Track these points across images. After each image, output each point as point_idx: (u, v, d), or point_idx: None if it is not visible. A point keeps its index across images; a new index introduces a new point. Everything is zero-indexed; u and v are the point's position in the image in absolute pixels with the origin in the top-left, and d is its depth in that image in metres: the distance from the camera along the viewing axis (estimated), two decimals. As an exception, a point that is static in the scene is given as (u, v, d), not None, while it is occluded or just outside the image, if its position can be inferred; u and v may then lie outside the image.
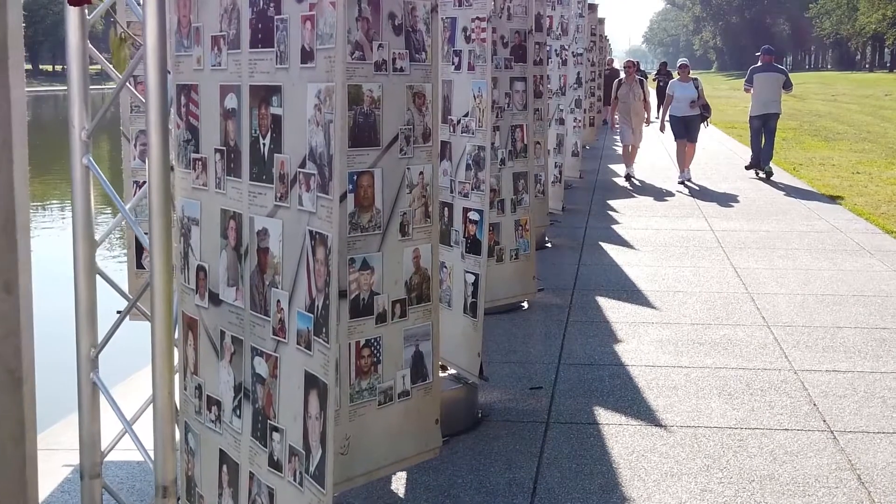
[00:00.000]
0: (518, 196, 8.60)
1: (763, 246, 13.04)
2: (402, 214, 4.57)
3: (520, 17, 8.27)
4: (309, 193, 2.71)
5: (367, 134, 4.37)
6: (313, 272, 2.71)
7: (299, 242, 2.77)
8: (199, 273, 3.40)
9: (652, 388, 7.38)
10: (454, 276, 6.59)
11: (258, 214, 3.02)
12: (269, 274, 2.97)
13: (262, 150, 2.99)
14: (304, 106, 2.75)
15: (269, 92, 2.96)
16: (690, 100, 19.23)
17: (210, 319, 3.37)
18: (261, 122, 3.00)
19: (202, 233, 3.39)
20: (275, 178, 2.91)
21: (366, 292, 4.46)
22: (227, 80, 3.20)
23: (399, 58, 4.48)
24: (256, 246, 3.03)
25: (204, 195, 3.37)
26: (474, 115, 6.32)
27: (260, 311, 3.07)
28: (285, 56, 2.89)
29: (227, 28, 3.20)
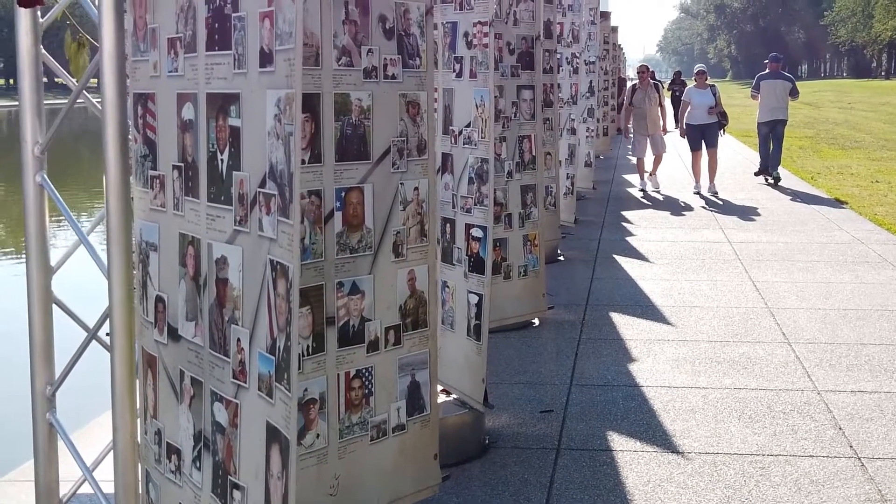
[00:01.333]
0: (526, 210, 8.24)
1: (782, 258, 12.65)
2: (395, 234, 4.22)
3: (527, 22, 7.92)
4: (269, 217, 2.37)
5: (356, 147, 4.03)
6: (274, 308, 2.36)
7: (260, 273, 2.43)
8: (158, 305, 3.06)
9: (668, 410, 7.01)
10: (457, 296, 6.23)
11: (216, 240, 2.68)
12: (228, 308, 2.63)
13: (219, 166, 2.65)
14: (263, 116, 2.41)
15: (226, 101, 2.62)
16: (708, 107, 18.71)
17: (169, 357, 3.03)
18: (218, 135, 2.66)
19: (161, 259, 3.04)
20: (234, 199, 2.57)
21: (356, 318, 4.11)
22: (184, 87, 2.86)
23: (391, 64, 4.14)
24: (215, 276, 2.69)
25: (162, 217, 3.03)
26: (476, 126, 5.96)
27: (219, 350, 2.72)
28: (243, 59, 2.55)
29: (183, 29, 2.85)
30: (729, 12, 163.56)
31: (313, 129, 3.85)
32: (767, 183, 20.51)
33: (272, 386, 2.41)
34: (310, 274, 3.88)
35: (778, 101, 19.81)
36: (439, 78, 6.18)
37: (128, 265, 2.99)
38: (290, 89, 2.25)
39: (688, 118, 19.15)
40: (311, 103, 3.83)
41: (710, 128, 18.89)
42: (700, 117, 18.85)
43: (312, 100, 3.83)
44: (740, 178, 21.58)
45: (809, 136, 34.66)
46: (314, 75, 3.83)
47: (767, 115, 19.90)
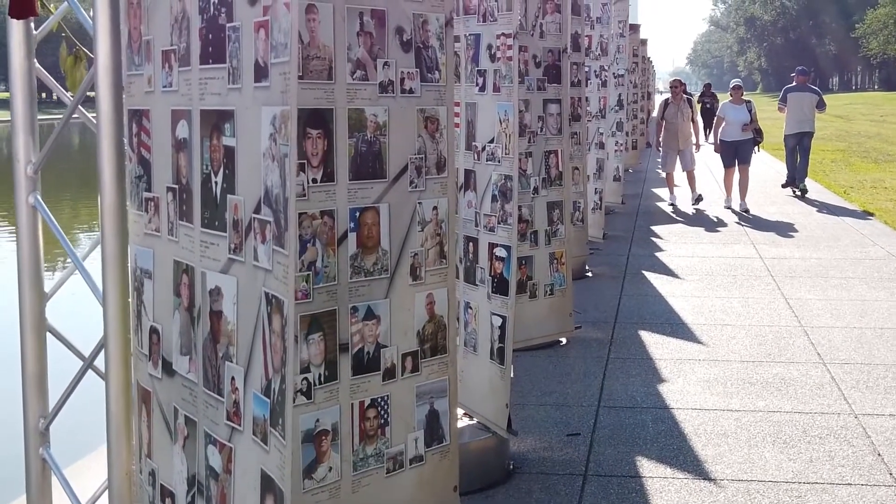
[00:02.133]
0: (553, 227, 8.02)
1: (815, 274, 12.38)
2: (412, 255, 4.01)
3: (553, 35, 7.71)
4: (264, 246, 2.18)
5: (371, 164, 3.83)
6: (269, 346, 2.17)
7: (255, 306, 2.23)
8: (153, 336, 2.87)
9: (699, 434, 6.79)
10: (480, 317, 6.02)
11: (210, 269, 2.49)
12: (222, 343, 2.44)
13: (213, 189, 2.46)
14: (258, 135, 2.21)
15: (220, 118, 2.43)
16: (743, 123, 18.30)
17: (164, 393, 2.84)
18: (212, 156, 2.47)
19: (155, 288, 2.85)
20: (228, 224, 2.38)
21: (371, 345, 3.90)
22: (178, 103, 2.67)
23: (408, 78, 3.94)
24: (209, 308, 2.50)
25: (157, 243, 2.84)
26: (500, 142, 5.75)
27: (213, 388, 2.53)
28: (238, 73, 2.36)
29: (177, 41, 2.66)
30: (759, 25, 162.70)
31: (326, 147, 3.65)
32: (794, 195, 20.64)
33: (267, 431, 2.21)
34: (322, 298, 3.68)
35: (805, 113, 19.92)
36: (462, 92, 5.99)
37: (124, 292, 2.80)
38: (286, 106, 2.06)
39: (722, 134, 18.72)
40: (324, 119, 3.64)
41: (744, 144, 18.46)
42: (734, 134, 18.43)
43: (325, 115, 3.64)
44: (771, 191, 21.28)
45: (841, 149, 34.28)
46: (327, 90, 3.63)
47: (794, 127, 20.03)
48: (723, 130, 18.69)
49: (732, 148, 18.50)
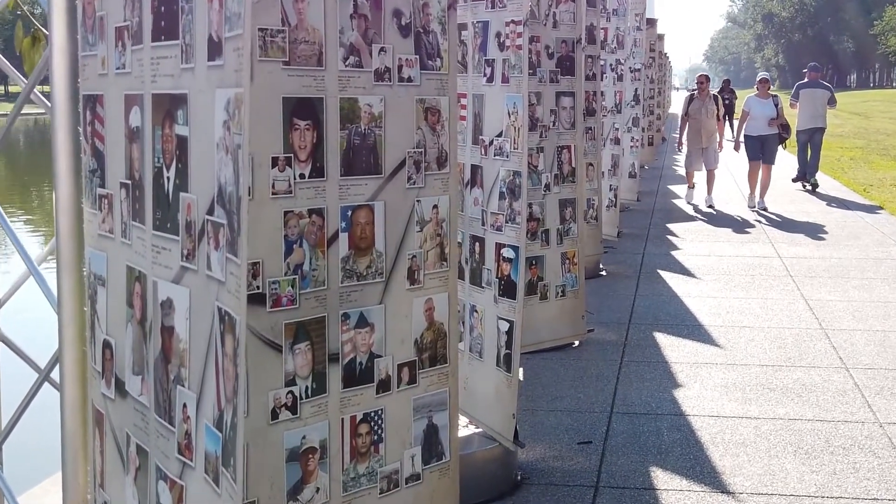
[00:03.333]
0: (565, 226, 7.70)
1: (835, 275, 12.05)
2: (410, 258, 3.72)
3: (567, 24, 7.40)
4: (218, 253, 1.89)
5: (366, 159, 3.54)
6: (222, 370, 1.87)
7: (208, 323, 1.94)
8: (105, 351, 2.58)
9: (717, 443, 6.48)
10: (486, 321, 5.70)
11: (162, 278, 2.19)
12: (174, 364, 2.15)
13: (165, 186, 2.17)
14: (212, 122, 1.92)
15: (173, 103, 2.14)
16: (769, 118, 17.78)
17: (116, 416, 2.55)
18: (164, 147, 2.17)
19: (108, 297, 2.56)
20: (181, 227, 2.08)
21: (364, 355, 3.61)
22: (131, 87, 2.38)
23: (407, 65, 3.64)
24: (160, 322, 2.20)
25: (110, 246, 2.54)
26: (509, 136, 5.43)
27: (164, 415, 2.24)
28: (191, 51, 2.06)
29: (130, 16, 2.37)
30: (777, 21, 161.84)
31: (315, 139, 3.37)
32: (805, 189, 20.84)
33: (219, 471, 1.92)
34: (309, 304, 3.39)
35: (816, 109, 20.10)
36: (468, 83, 5.68)
37: (80, 299, 2.52)
38: (240, 88, 1.76)
39: (747, 129, 18.18)
40: (314, 109, 3.35)
41: (770, 140, 17.96)
42: (760, 128, 17.90)
43: (314, 105, 3.35)
44: (789, 189, 20.93)
45: (860, 146, 33.89)
46: (317, 77, 3.35)
47: (806, 123, 20.09)
48: (748, 125, 18.14)
49: (758, 143, 17.95)
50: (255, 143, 3.16)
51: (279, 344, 3.28)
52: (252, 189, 3.16)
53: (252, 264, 3.17)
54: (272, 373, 3.27)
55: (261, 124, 3.16)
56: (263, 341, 3.23)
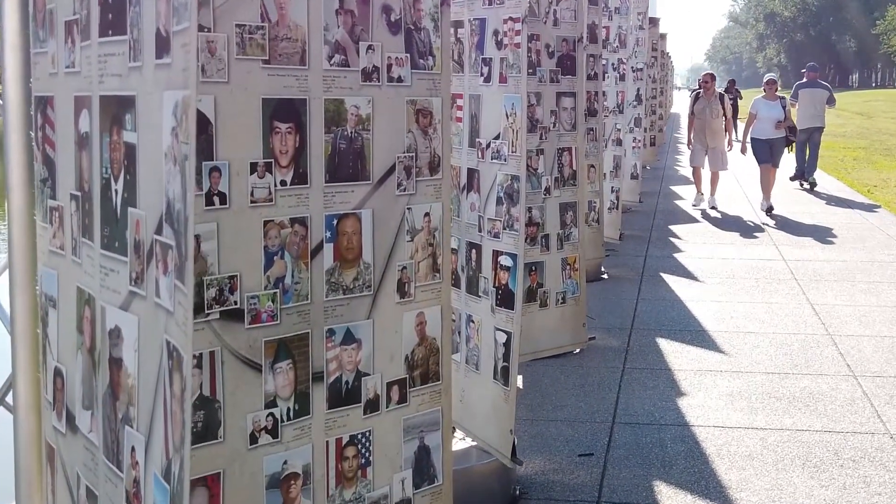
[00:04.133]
0: (566, 230, 7.48)
1: (841, 278, 11.82)
2: (400, 269, 3.50)
3: (568, 22, 7.17)
4: (166, 278, 1.67)
5: (352, 164, 3.32)
6: (170, 414, 1.65)
7: (157, 357, 1.72)
8: (57, 380, 2.36)
9: (723, 456, 6.26)
10: (483, 332, 5.47)
11: (110, 303, 1.98)
12: (122, 401, 1.93)
13: (113, 199, 1.94)
14: (161, 129, 1.70)
15: (121, 106, 1.91)
16: (776, 120, 17.31)
17: (67, 453, 2.33)
18: (112, 156, 1.95)
19: (60, 320, 2.33)
20: (129, 247, 1.86)
21: (350, 373, 3.39)
22: (80, 88, 2.15)
23: (396, 64, 3.42)
24: (108, 353, 1.98)
25: (61, 263, 2.32)
26: (507, 138, 5.20)
27: (112, 459, 2.02)
28: (139, 47, 1.84)
29: (79, 8, 2.14)
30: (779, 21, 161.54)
31: (298, 143, 3.15)
32: (802, 188, 20.86)
33: (167, 528, 1.71)
34: (291, 320, 3.17)
35: (815, 108, 20.23)
36: (465, 83, 5.45)
37: (35, 320, 2.29)
38: (186, 90, 1.55)
39: (753, 132, 17.71)
40: (295, 111, 3.13)
41: (778, 143, 17.50)
42: (767, 131, 17.42)
43: (297, 107, 3.13)
44: (793, 190, 20.70)
45: (863, 146, 33.66)
46: (299, 77, 3.13)
47: (805, 122, 20.04)
48: (755, 128, 17.69)
49: (766, 146, 17.47)
50: (233, 148, 2.95)
51: (258, 363, 3.06)
52: (229, 197, 2.94)
53: (229, 278, 2.95)
54: (251, 394, 3.05)
55: (238, 128, 2.95)
56: (241, 360, 3.01)
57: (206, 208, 2.88)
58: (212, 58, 2.87)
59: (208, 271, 2.90)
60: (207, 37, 2.85)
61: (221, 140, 2.91)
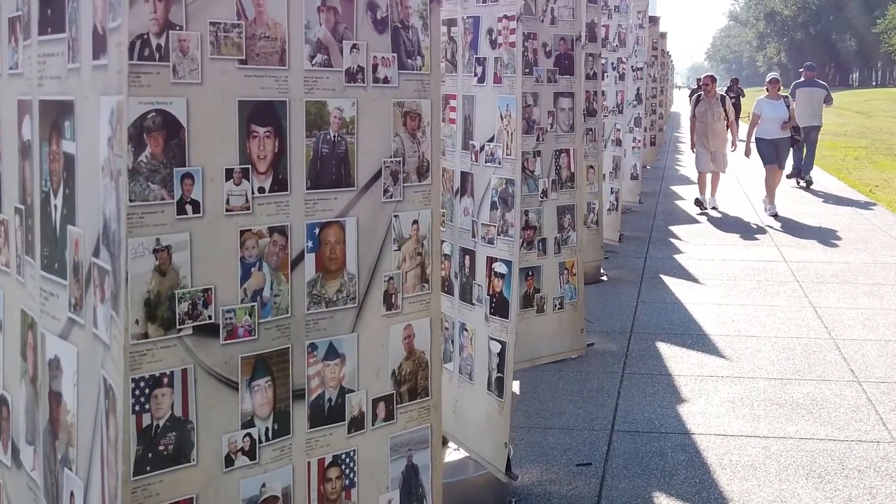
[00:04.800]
0: (563, 234, 7.30)
1: (844, 280, 11.66)
2: (386, 280, 3.33)
3: (566, 21, 7.00)
4: (103, 307, 1.50)
5: (335, 170, 3.15)
6: (106, 457, 1.48)
7: (95, 393, 1.56)
8: (2, 408, 2.18)
9: (724, 465, 6.10)
10: (477, 341, 5.30)
11: (49, 330, 1.80)
12: (62, 440, 1.76)
13: (53, 216, 1.77)
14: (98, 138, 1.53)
15: (60, 112, 1.74)
16: (781, 120, 16.97)
17: (12, 487, 2.15)
18: (52, 167, 1.78)
19: (5, 343, 2.16)
20: (68, 268, 1.69)
21: (333, 390, 3.22)
22: (23, 91, 1.98)
23: (382, 64, 3.25)
24: (48, 385, 1.81)
25: (6, 281, 2.14)
26: (501, 140, 5.02)
27: (53, 502, 1.84)
28: (77, 46, 1.67)
29: (22, 4, 1.97)
30: (779, 20, 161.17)
31: (277, 148, 2.98)
32: (799, 186, 21.00)
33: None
34: (270, 335, 3.00)
35: (812, 107, 20.30)
36: (459, 83, 5.28)
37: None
38: (120, 95, 1.38)
39: (758, 132, 17.35)
40: (275, 114, 2.96)
41: (783, 143, 17.20)
42: (772, 131, 17.08)
43: (276, 109, 2.96)
44: (793, 190, 20.53)
45: (864, 146, 33.50)
46: (278, 78, 2.96)
47: (803, 121, 19.72)
48: (759, 128, 17.33)
49: (772, 146, 17.16)
50: (207, 154, 2.77)
51: (234, 381, 2.89)
52: (203, 205, 2.77)
53: (203, 291, 2.78)
54: (226, 414, 2.87)
55: (213, 132, 2.77)
56: (216, 378, 2.84)
57: (178, 217, 2.72)
58: (184, 57, 2.70)
59: (180, 284, 2.73)
60: (179, 35, 2.69)
61: (194, 145, 2.74)
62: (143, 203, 2.63)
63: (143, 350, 2.67)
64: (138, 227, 2.63)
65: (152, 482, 2.67)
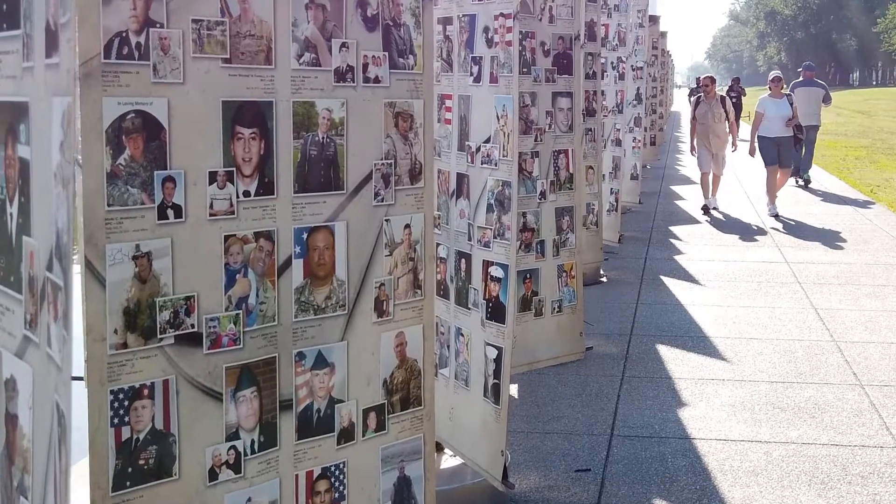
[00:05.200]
0: (562, 236, 7.19)
1: (845, 281, 11.55)
2: (377, 286, 3.23)
3: (565, 19, 6.89)
4: (56, 326, 1.40)
5: (324, 172, 3.05)
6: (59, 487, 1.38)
7: (49, 420, 1.46)
8: (-34, 427, 2.09)
9: (726, 471, 5.99)
10: (473, 346, 5.18)
11: (6, 348, 1.70)
12: (17, 466, 1.65)
13: (8, 225, 1.67)
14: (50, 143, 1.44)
15: (14, 114, 1.64)
16: (785, 119, 16.78)
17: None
18: (7, 173, 1.68)
19: (-32, 358, 2.07)
20: (24, 282, 1.59)
21: (322, 400, 3.12)
22: (-18, 93, 1.89)
23: (373, 63, 3.16)
24: (5, 407, 1.71)
25: (-31, 294, 2.06)
26: (497, 141, 4.91)
27: (10, 533, 1.75)
28: (31, 44, 1.57)
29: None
30: (780, 19, 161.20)
31: (263, 150, 2.88)
32: (797, 185, 20.80)
33: None
34: (256, 344, 2.90)
35: (811, 107, 20.30)
36: (454, 83, 5.17)
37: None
38: (69, 96, 1.28)
39: (761, 130, 17.09)
40: (261, 115, 2.87)
41: (786, 142, 16.99)
42: (775, 129, 16.86)
43: (262, 110, 2.87)
44: (794, 191, 20.42)
45: (864, 145, 33.38)
46: (264, 77, 2.86)
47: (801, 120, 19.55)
48: (762, 127, 17.07)
49: (774, 145, 16.94)
50: (189, 156, 2.68)
51: (219, 391, 2.80)
52: (185, 210, 2.67)
53: (186, 298, 2.69)
54: (210, 426, 2.78)
55: (196, 133, 2.68)
56: (200, 389, 2.75)
57: (159, 222, 2.63)
58: (165, 56, 2.60)
59: (161, 292, 2.64)
60: (160, 33, 2.60)
61: (176, 147, 2.65)
62: (121, 208, 2.54)
63: (123, 360, 2.58)
64: (117, 233, 2.54)
65: (132, 498, 2.58)
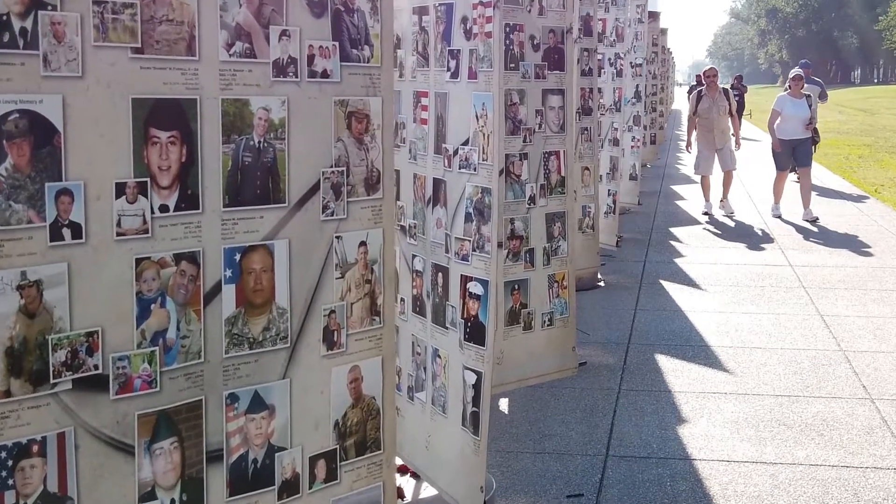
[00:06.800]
0: (553, 244, 6.74)
1: (852, 286, 11.13)
2: (327, 314, 2.80)
3: (556, 12, 6.45)
4: None
5: (261, 183, 2.61)
6: None
7: None
8: None
9: (729, 497, 5.60)
10: (450, 369, 4.72)
11: None
12: None
13: None
14: None
15: None
16: (803, 119, 16.08)
17: None
18: None
19: None
20: None
21: (259, 449, 2.68)
22: None
23: (321, 55, 2.72)
24: None
25: None
26: (476, 143, 4.45)
27: None
28: None
29: None
30: (781, 17, 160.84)
31: (185, 157, 2.44)
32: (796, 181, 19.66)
33: None
34: (177, 386, 2.46)
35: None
36: (430, 78, 4.73)
37: None
38: None
39: (778, 132, 16.39)
40: (181, 115, 2.43)
41: (804, 144, 16.30)
42: (793, 131, 16.18)
43: (183, 109, 2.43)
44: (795, 190, 19.97)
45: (867, 143, 33.03)
46: (185, 71, 2.43)
47: None
48: (779, 127, 16.36)
49: (789, 148, 16.30)
50: (90, 165, 2.25)
51: (130, 444, 2.36)
52: (85, 229, 2.24)
53: (87, 335, 2.25)
54: (118, 485, 2.34)
55: (98, 137, 2.25)
56: (105, 442, 2.31)
57: (52, 244, 2.19)
58: (58, 45, 2.16)
59: (55, 328, 2.20)
60: (52, 17, 2.15)
61: (73, 154, 2.22)
62: (2, 228, 2.10)
63: (5, 412, 2.15)
64: (-5, 259, 2.10)
65: (16, 578, 2.15)
